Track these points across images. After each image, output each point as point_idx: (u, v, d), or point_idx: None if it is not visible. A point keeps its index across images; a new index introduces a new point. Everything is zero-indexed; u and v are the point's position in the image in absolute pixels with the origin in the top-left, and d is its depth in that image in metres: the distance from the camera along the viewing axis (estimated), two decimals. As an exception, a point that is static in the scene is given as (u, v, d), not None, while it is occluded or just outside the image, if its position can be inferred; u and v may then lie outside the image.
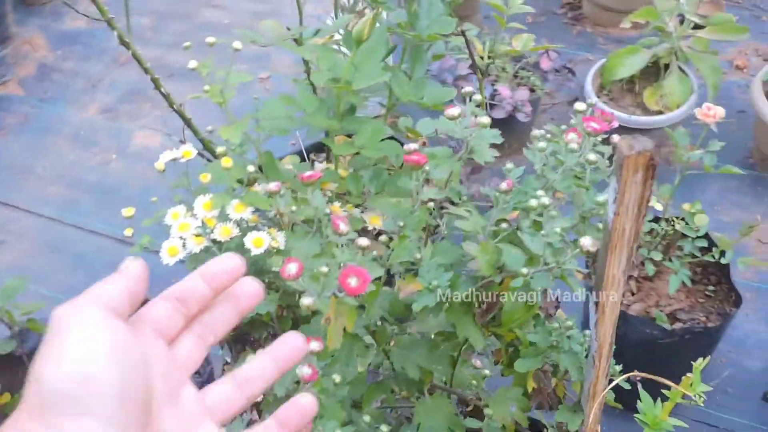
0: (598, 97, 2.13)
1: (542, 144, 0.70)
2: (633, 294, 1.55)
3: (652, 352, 1.50)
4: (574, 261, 0.62)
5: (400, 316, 0.84)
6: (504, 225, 0.67)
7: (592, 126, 0.72)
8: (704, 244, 1.48)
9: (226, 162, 1.06)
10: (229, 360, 1.32)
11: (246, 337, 1.28)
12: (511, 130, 2.18)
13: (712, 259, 1.46)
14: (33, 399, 0.41)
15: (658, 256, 1.46)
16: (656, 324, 1.45)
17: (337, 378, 0.70)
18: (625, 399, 1.31)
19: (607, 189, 0.70)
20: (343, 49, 1.21)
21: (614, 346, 0.74)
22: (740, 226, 2.08)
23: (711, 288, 1.55)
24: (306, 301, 0.56)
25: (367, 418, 0.78)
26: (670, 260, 1.47)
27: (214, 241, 1.11)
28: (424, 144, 1.70)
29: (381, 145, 1.15)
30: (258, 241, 1.09)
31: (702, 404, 1.12)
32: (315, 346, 0.61)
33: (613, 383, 0.75)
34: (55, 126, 2.52)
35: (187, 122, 1.37)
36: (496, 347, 0.87)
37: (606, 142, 0.74)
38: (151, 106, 2.54)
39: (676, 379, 1.70)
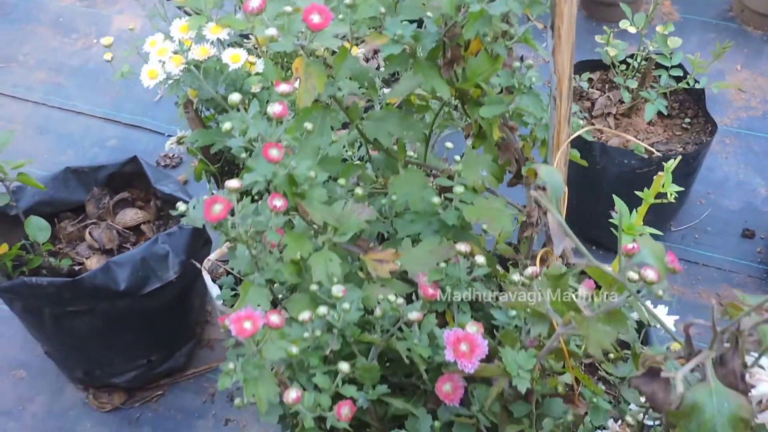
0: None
1: None
2: (612, 129, 1.58)
3: (631, 183, 1.53)
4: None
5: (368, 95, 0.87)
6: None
7: None
8: (679, 72, 1.49)
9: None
10: (215, 192, 1.35)
11: (232, 167, 1.31)
12: None
13: (687, 86, 1.48)
14: None
15: (633, 84, 1.48)
16: (634, 154, 1.48)
17: (309, 126, 0.73)
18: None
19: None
20: None
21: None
22: (721, 78, 2.10)
23: (688, 121, 1.58)
24: (269, 31, 0.57)
25: (342, 181, 0.82)
26: (647, 91, 1.49)
27: (192, 61, 1.13)
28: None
29: None
30: (235, 57, 1.11)
31: (673, 200, 1.16)
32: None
33: (576, 134, 0.78)
34: (34, 14, 2.50)
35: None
36: (466, 123, 0.90)
37: None
38: (127, -9, 2.52)
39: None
